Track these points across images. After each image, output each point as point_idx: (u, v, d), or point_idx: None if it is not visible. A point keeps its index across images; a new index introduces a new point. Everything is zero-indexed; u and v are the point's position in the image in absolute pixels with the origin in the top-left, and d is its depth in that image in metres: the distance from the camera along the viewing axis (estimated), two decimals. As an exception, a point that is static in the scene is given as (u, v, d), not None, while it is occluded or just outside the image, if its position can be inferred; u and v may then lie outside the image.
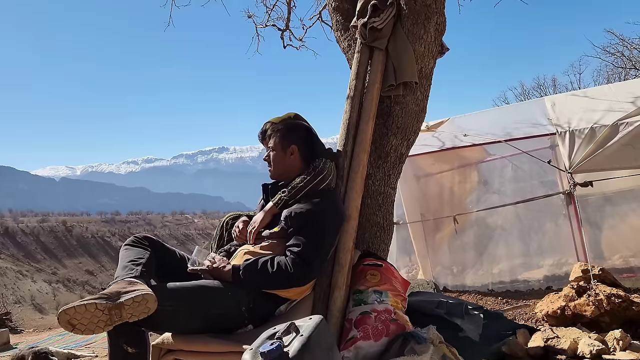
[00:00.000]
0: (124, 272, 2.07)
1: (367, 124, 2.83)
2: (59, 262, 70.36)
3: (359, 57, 2.98)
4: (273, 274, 2.20)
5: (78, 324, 1.82)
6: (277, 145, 2.57)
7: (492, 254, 5.91)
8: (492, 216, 5.97)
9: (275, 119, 2.65)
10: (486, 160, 6.18)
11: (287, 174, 2.57)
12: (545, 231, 5.75)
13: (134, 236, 2.35)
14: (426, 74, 3.00)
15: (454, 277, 6.08)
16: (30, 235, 73.54)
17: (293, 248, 2.26)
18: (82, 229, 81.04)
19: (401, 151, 3.01)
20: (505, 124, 5.46)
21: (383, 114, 2.96)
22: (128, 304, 1.86)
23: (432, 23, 2.89)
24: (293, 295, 2.35)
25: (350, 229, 2.61)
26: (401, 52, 2.87)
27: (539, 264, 5.72)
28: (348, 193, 2.71)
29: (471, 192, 6.18)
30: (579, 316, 3.65)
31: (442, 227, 6.07)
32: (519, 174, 5.79)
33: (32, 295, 55.77)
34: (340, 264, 2.53)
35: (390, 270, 2.63)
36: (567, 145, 4.60)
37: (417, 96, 2.97)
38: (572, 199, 4.74)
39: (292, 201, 2.42)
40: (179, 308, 2.06)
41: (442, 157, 6.03)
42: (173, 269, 2.36)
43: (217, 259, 2.31)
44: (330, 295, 2.47)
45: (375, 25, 2.88)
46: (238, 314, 2.19)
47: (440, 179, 6.26)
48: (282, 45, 6.17)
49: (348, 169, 2.77)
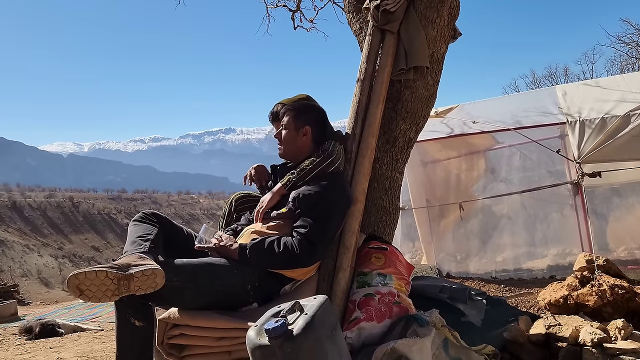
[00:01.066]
0: (133, 247, 2.10)
1: (376, 108, 2.82)
2: (65, 237, 71.11)
3: (370, 39, 2.96)
4: (279, 254, 2.22)
5: (86, 289, 1.84)
6: (290, 125, 2.57)
7: (497, 242, 5.92)
8: (497, 204, 5.97)
9: (287, 99, 2.65)
10: (494, 148, 6.16)
11: (297, 155, 2.58)
12: (550, 221, 5.75)
13: (142, 212, 2.37)
14: (437, 59, 2.98)
15: (458, 264, 6.11)
16: (37, 210, 74.24)
17: (300, 229, 2.28)
18: (89, 205, 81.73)
19: (410, 136, 3.01)
20: (515, 112, 5.42)
21: (393, 98, 2.95)
22: (137, 276, 1.89)
23: (446, 7, 2.86)
24: (298, 276, 2.37)
25: (357, 211, 2.62)
26: (413, 36, 2.84)
27: (543, 254, 5.74)
28: (355, 176, 2.71)
29: (478, 180, 6.17)
30: (581, 306, 3.66)
31: (448, 214, 6.08)
32: (527, 162, 5.77)
33: (38, 269, 56.53)
34: (346, 246, 2.54)
35: (395, 254, 2.65)
36: (576, 135, 4.57)
37: (427, 81, 2.95)
38: (580, 189, 4.73)
39: (301, 183, 2.44)
40: (186, 284, 2.09)
41: (450, 144, 6.02)
42: (180, 245, 2.39)
43: (224, 237, 2.34)
44: (335, 277, 2.49)
45: (387, 8, 2.85)
46: (243, 291, 2.22)
47: (447, 166, 6.25)
48: (293, 27, 6.13)
49: (356, 152, 2.77)
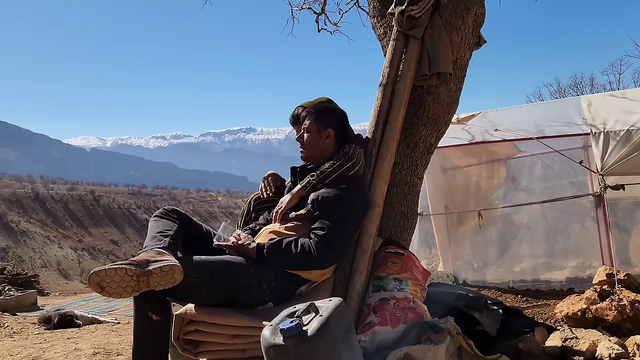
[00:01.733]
0: (153, 243, 2.14)
1: (398, 112, 2.82)
2: (85, 230, 72.35)
3: (394, 44, 2.97)
4: (296, 255, 2.23)
5: (107, 286, 1.89)
6: (313, 127, 2.58)
7: (515, 251, 5.85)
8: (517, 214, 5.90)
9: (308, 103, 2.66)
10: (516, 156, 6.09)
11: (319, 157, 2.59)
12: (571, 232, 5.67)
13: (163, 208, 2.41)
14: (461, 66, 2.97)
15: (475, 272, 6.05)
16: (60, 202, 75.67)
17: (317, 231, 2.29)
18: (110, 199, 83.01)
19: (430, 142, 3.00)
20: (538, 121, 5.36)
21: (415, 103, 2.95)
22: (156, 272, 1.92)
23: (471, 14, 2.85)
24: (314, 277, 2.39)
25: (375, 215, 2.63)
26: (437, 42, 2.84)
27: (563, 265, 5.65)
28: (374, 180, 2.72)
29: (498, 188, 6.11)
30: (599, 320, 3.61)
31: (466, 221, 6.03)
32: (549, 172, 5.70)
33: (58, 260, 57.59)
34: (363, 249, 2.55)
35: (412, 259, 2.64)
36: (600, 146, 4.50)
37: (450, 87, 2.94)
38: (602, 201, 4.65)
39: (320, 185, 2.45)
40: (203, 280, 2.12)
41: (470, 151, 5.97)
42: (199, 242, 2.42)
43: (243, 236, 2.36)
44: (351, 279, 2.50)
45: (412, 14, 2.85)
46: (260, 290, 2.23)
47: (468, 173, 6.21)
48: (317, 29, 6.14)
49: (376, 156, 2.77)
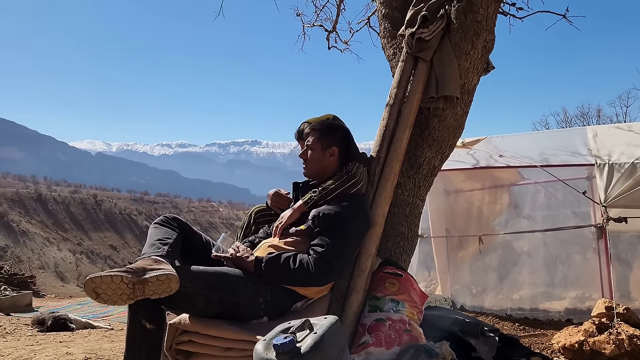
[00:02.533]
0: (151, 250, 2.13)
1: (403, 133, 2.83)
2: (85, 233, 72.27)
3: (402, 65, 2.99)
4: (294, 270, 2.22)
5: (102, 293, 1.88)
6: (316, 145, 2.59)
7: (515, 279, 5.82)
8: (518, 241, 5.88)
9: (314, 119, 2.67)
10: (519, 183, 6.09)
11: (322, 174, 2.59)
12: (572, 262, 5.63)
13: (164, 216, 2.41)
14: (468, 90, 2.98)
15: (473, 297, 6.01)
16: (61, 204, 75.75)
17: (317, 247, 2.28)
18: (111, 204, 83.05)
19: (434, 164, 3.01)
20: (544, 149, 5.36)
21: (420, 124, 2.96)
22: (152, 281, 1.92)
23: (481, 40, 2.87)
24: (311, 294, 2.37)
25: (375, 235, 2.62)
26: (446, 66, 2.86)
27: (562, 295, 5.61)
28: (376, 199, 2.72)
29: (500, 214, 6.09)
30: (596, 353, 3.57)
31: (466, 246, 6.01)
32: (552, 201, 5.68)
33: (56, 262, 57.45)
34: (361, 269, 2.54)
35: (410, 281, 2.63)
36: (604, 178, 4.50)
37: (456, 111, 2.95)
38: (604, 233, 4.63)
39: (322, 202, 2.45)
40: (199, 291, 2.11)
41: (474, 175, 5.97)
42: (198, 252, 2.42)
43: (242, 249, 2.35)
44: (347, 298, 2.49)
45: (422, 36, 2.88)
46: (255, 304, 2.22)
47: (470, 197, 6.20)
48: (327, 47, 6.20)
49: (379, 176, 2.78)
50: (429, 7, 2.92)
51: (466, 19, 2.84)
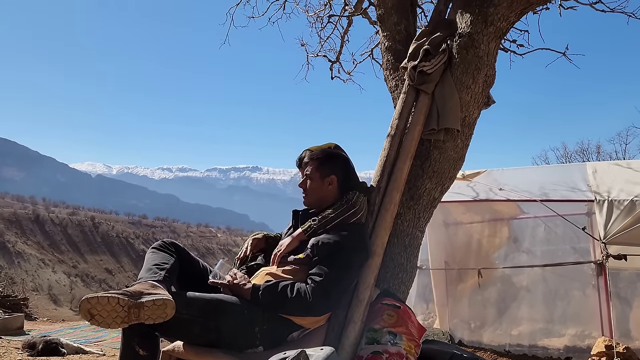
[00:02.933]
0: (148, 275, 2.12)
1: (404, 164, 2.84)
2: (81, 256, 71.73)
3: (404, 97, 3.02)
4: (291, 299, 2.20)
5: (97, 314, 1.86)
6: (315, 174, 2.59)
7: (514, 314, 5.75)
8: (518, 275, 5.84)
9: (315, 147, 2.67)
10: (519, 217, 6.08)
11: (322, 203, 2.58)
12: (571, 299, 5.58)
13: (162, 240, 2.39)
14: (469, 123, 3.01)
15: (471, 332, 5.93)
16: (59, 226, 75.39)
17: (315, 277, 2.26)
18: (109, 227, 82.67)
19: (434, 195, 3.01)
20: (543, 183, 5.38)
21: (421, 156, 2.97)
22: (148, 305, 1.89)
23: (482, 74, 2.91)
24: (308, 324, 2.34)
25: (374, 265, 2.60)
26: (447, 99, 2.89)
27: (561, 332, 5.53)
28: (376, 229, 2.71)
29: (499, 248, 6.07)
30: (597, 393, 3.50)
31: (465, 279, 5.96)
32: (552, 236, 5.66)
33: (50, 284, 56.85)
34: (359, 299, 2.51)
35: (408, 314, 2.60)
36: (604, 214, 4.50)
37: (457, 144, 2.97)
38: (604, 270, 4.60)
39: (321, 230, 2.44)
40: (195, 318, 2.08)
41: (474, 208, 5.97)
42: (195, 278, 2.39)
43: (239, 276, 2.33)
44: (345, 329, 2.45)
45: (424, 69, 2.92)
46: (251, 333, 2.19)
47: (470, 229, 6.18)
48: (330, 76, 6.28)
49: (379, 206, 2.78)
50: (431, 41, 2.97)
51: (468, 54, 2.88)
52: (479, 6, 2.87)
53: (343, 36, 5.98)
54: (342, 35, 5.97)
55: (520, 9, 2.88)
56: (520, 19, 3.03)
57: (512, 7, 2.84)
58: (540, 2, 3.04)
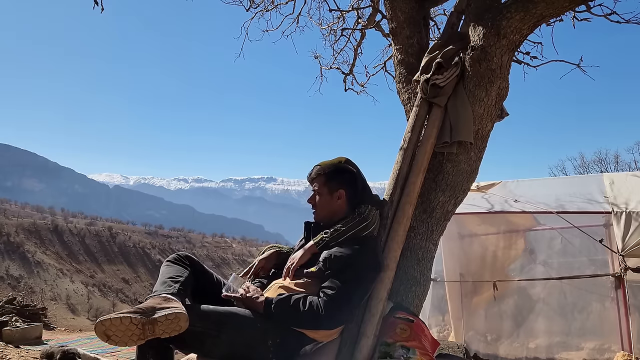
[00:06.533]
0: (162, 288, 2.14)
1: (416, 177, 2.84)
2: (98, 266, 72.42)
3: (417, 110, 3.03)
4: (304, 313, 2.21)
5: (113, 335, 1.89)
6: (323, 190, 2.60)
7: (531, 327, 5.67)
8: (534, 287, 5.75)
9: (325, 162, 2.67)
10: (535, 229, 6.01)
11: (332, 217, 2.59)
12: (590, 312, 5.48)
13: (176, 254, 2.42)
14: (482, 136, 3.01)
15: (487, 344, 5.85)
16: (77, 236, 76.29)
17: (327, 290, 2.27)
18: (126, 237, 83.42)
19: (447, 208, 3.00)
20: (560, 195, 5.32)
21: (434, 169, 2.97)
22: (161, 320, 1.92)
23: (495, 87, 2.91)
24: (320, 337, 2.34)
25: (386, 279, 2.60)
26: (460, 112, 2.90)
27: (580, 346, 5.43)
28: (388, 243, 2.71)
29: (515, 260, 5.99)
30: (616, 409, 3.43)
31: (481, 291, 5.89)
32: (568, 248, 5.58)
33: (68, 294, 57.46)
34: (372, 313, 2.51)
35: (421, 328, 2.59)
36: (622, 226, 4.44)
37: (470, 156, 2.97)
38: (622, 283, 4.53)
39: (333, 244, 2.44)
40: (208, 331, 2.10)
41: (489, 219, 5.92)
42: (208, 291, 2.41)
43: (252, 289, 2.35)
44: (357, 343, 2.45)
45: (437, 83, 2.93)
46: (264, 346, 2.20)
47: (485, 241, 6.12)
48: (344, 88, 6.32)
49: (392, 219, 2.78)
50: (443, 54, 2.98)
51: (480, 67, 2.89)
52: (492, 19, 2.88)
53: (356, 49, 6.02)
54: (355, 47, 6.02)
55: (533, 21, 2.87)
56: (533, 31, 3.03)
57: (525, 20, 2.84)
58: (554, 15, 3.03)
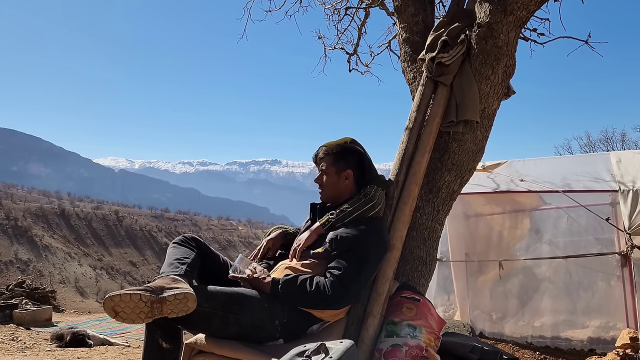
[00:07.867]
0: (170, 269, 2.16)
1: (422, 157, 2.83)
2: (105, 249, 72.99)
3: (422, 89, 3.00)
4: (310, 293, 2.22)
5: (121, 311, 1.90)
6: (330, 169, 2.58)
7: (536, 305, 5.69)
8: (540, 267, 5.77)
9: (331, 142, 2.67)
10: (541, 208, 6.00)
11: (338, 198, 2.59)
12: (595, 290, 5.49)
13: (182, 235, 2.43)
14: (489, 115, 2.98)
15: (493, 323, 5.89)
16: (84, 220, 76.78)
17: (334, 270, 2.28)
18: (132, 220, 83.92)
19: (453, 188, 2.99)
20: (566, 174, 5.30)
21: (440, 148, 2.96)
22: (170, 299, 1.93)
23: (501, 65, 2.87)
24: (327, 317, 2.36)
25: (392, 259, 2.60)
26: (466, 90, 2.86)
27: (585, 324, 5.46)
28: (394, 223, 2.71)
29: (521, 239, 6.00)
30: (621, 385, 3.46)
31: (486, 271, 5.91)
32: (574, 227, 5.57)
33: (76, 277, 58.08)
34: (378, 293, 2.52)
35: (427, 307, 2.60)
36: (629, 204, 4.42)
37: (476, 135, 2.94)
38: (628, 261, 4.53)
39: (340, 224, 2.44)
40: (216, 311, 2.12)
41: (495, 199, 5.91)
42: (215, 272, 2.43)
43: (259, 270, 2.36)
44: (364, 322, 2.47)
45: (443, 61, 2.89)
46: (271, 326, 2.22)
47: (490, 221, 6.12)
48: (348, 69, 6.26)
49: (397, 199, 2.77)
50: (449, 32, 2.94)
51: (487, 44, 2.85)
52: (498, -5, 2.83)
53: (360, 28, 5.94)
54: (360, 27, 5.94)
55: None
56: (540, 7, 2.97)
57: (532, -4, 2.78)
58: (561, -10, 2.98)
